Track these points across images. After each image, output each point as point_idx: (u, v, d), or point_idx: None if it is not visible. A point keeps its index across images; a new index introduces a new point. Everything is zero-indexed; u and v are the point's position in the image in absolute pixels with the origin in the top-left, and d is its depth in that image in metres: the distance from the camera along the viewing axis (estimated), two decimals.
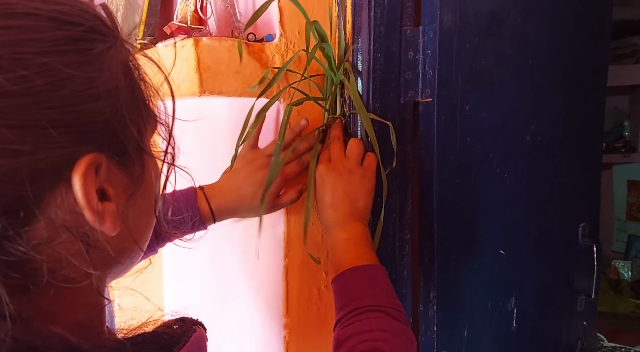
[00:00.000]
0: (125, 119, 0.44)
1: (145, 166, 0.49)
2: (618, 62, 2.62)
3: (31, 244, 0.40)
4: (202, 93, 0.86)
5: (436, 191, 0.93)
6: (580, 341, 1.16)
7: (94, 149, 0.42)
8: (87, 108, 0.41)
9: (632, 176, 2.79)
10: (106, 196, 0.44)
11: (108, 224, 0.43)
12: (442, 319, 0.96)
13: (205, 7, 0.99)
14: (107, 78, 0.43)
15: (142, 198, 0.49)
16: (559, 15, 1.05)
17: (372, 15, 0.88)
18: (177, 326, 0.49)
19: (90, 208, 0.41)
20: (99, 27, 0.44)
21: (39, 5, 0.40)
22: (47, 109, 0.39)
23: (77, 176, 0.40)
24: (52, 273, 0.41)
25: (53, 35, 0.40)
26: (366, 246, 0.81)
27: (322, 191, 0.85)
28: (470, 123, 0.95)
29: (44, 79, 0.38)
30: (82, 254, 0.43)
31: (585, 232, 1.14)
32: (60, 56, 0.40)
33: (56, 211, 0.41)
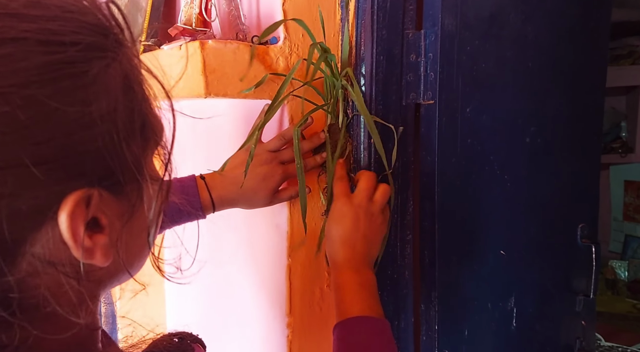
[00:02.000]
0: (121, 146, 0.41)
1: (142, 192, 0.45)
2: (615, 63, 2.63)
3: (12, 280, 0.38)
4: (207, 95, 0.87)
5: (437, 192, 0.94)
6: (578, 341, 1.17)
7: (83, 185, 0.39)
8: (78, 139, 0.38)
9: (629, 176, 2.80)
10: (99, 225, 0.41)
11: (98, 257, 0.41)
12: (443, 319, 0.97)
13: (210, 9, 1.00)
14: (104, 102, 0.40)
15: (137, 224, 0.46)
16: (558, 17, 1.06)
17: (374, 19, 0.89)
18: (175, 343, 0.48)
19: (77, 246, 0.39)
20: (99, 42, 0.40)
21: (29, 27, 0.37)
22: (31, 145, 0.36)
23: (64, 215, 0.38)
24: (33, 306, 0.39)
25: (41, 62, 0.36)
26: (375, 297, 0.79)
27: (340, 225, 0.82)
28: (470, 125, 0.96)
29: (29, 112, 0.35)
30: (66, 286, 0.41)
31: (584, 232, 1.15)
32: (49, 85, 0.36)
33: (41, 249, 0.39)
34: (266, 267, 1.04)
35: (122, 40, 0.43)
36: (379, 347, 0.73)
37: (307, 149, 0.93)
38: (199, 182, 0.89)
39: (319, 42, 0.85)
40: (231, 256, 1.13)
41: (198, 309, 1.26)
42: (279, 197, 0.93)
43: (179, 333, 0.52)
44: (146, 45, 1.05)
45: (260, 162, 0.90)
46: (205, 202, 0.88)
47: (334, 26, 0.95)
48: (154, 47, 1.04)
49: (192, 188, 0.88)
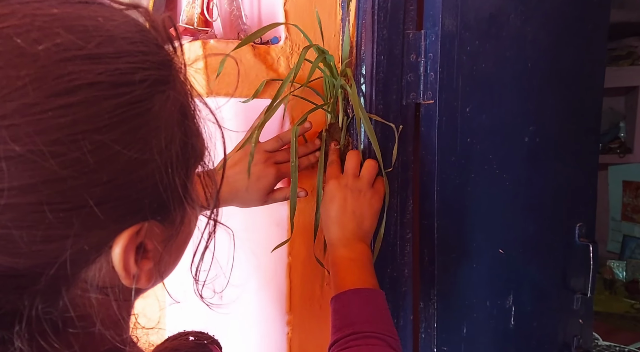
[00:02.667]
0: (174, 177, 0.42)
1: (185, 213, 0.47)
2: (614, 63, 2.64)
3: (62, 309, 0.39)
4: (208, 95, 0.87)
5: (437, 191, 0.95)
6: (576, 339, 1.18)
7: (138, 220, 0.40)
8: (136, 176, 0.39)
9: (628, 177, 2.81)
10: (145, 250, 0.42)
11: (143, 281, 0.43)
12: (442, 317, 0.98)
13: (212, 9, 1.01)
14: (163, 136, 0.40)
15: (178, 242, 0.48)
16: (557, 18, 1.07)
17: (375, 19, 0.90)
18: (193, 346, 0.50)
19: (127, 276, 0.41)
20: (161, 76, 0.41)
21: (102, 69, 0.37)
22: (96, 186, 0.37)
23: (118, 249, 0.39)
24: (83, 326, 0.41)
25: (112, 105, 0.37)
26: (369, 269, 0.82)
27: (330, 206, 0.85)
28: (470, 124, 0.97)
29: (97, 157, 0.36)
30: (111, 308, 0.43)
31: (582, 231, 1.16)
32: (117, 128, 0.37)
33: (93, 277, 0.40)
34: (266, 266, 1.05)
35: (178, 65, 0.44)
36: (371, 315, 0.75)
37: (302, 154, 0.93)
38: None
39: (315, 44, 0.86)
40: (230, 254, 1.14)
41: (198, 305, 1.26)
42: (274, 197, 0.93)
43: (195, 333, 0.53)
44: None
45: (255, 161, 0.89)
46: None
47: (335, 26, 0.95)
48: None
49: None
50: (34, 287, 0.37)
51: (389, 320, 0.77)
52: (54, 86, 0.35)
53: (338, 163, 0.91)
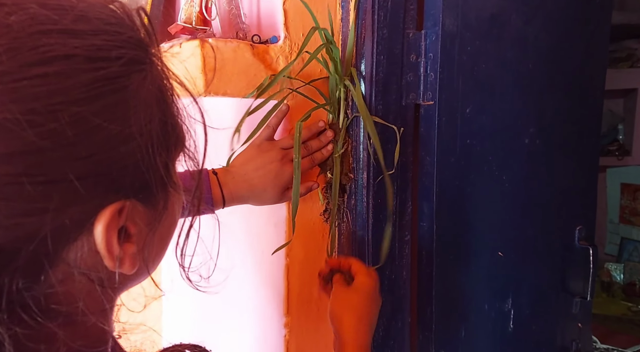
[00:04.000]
0: (155, 157, 0.42)
1: (169, 198, 0.47)
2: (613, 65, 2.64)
3: (44, 288, 0.38)
4: (207, 93, 0.86)
5: (436, 192, 0.94)
6: (574, 343, 1.17)
7: (120, 197, 0.40)
8: (117, 153, 0.39)
9: (626, 179, 2.81)
10: (128, 234, 0.42)
11: (127, 266, 0.42)
12: (440, 319, 0.97)
13: (210, 8, 1.00)
14: (142, 115, 0.41)
15: (162, 228, 0.47)
16: (559, 19, 1.07)
17: (375, 19, 0.89)
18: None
19: (111, 256, 0.40)
20: (138, 56, 0.42)
21: (78, 43, 0.37)
22: (76, 160, 0.37)
23: (100, 226, 0.39)
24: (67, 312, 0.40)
25: (89, 78, 0.37)
26: None
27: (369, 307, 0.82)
28: (470, 126, 0.96)
29: (75, 129, 0.36)
30: (94, 292, 0.42)
31: (582, 234, 1.15)
32: (95, 101, 0.37)
33: (75, 258, 0.40)
34: (264, 267, 1.04)
35: (154, 50, 0.44)
36: None
37: (316, 147, 0.93)
38: (212, 178, 0.89)
39: (322, 28, 0.85)
40: (228, 255, 1.13)
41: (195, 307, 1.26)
42: (290, 195, 0.92)
43: (189, 346, 0.51)
44: None
45: (271, 159, 0.89)
46: (216, 197, 0.88)
47: (335, 26, 0.95)
48: None
49: (206, 183, 0.87)
50: (14, 263, 0.36)
51: None
52: (29, 57, 0.35)
53: None
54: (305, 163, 0.92)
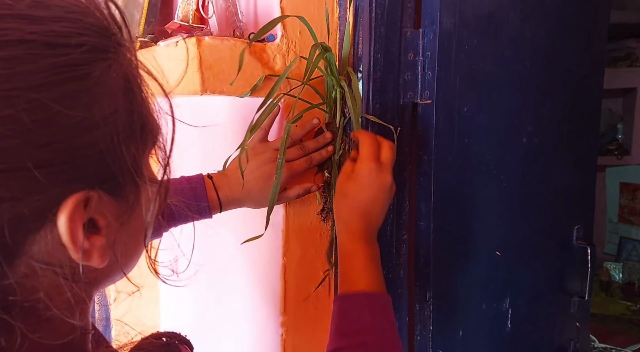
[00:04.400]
0: (121, 148, 0.41)
1: (139, 192, 0.45)
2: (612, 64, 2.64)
3: (14, 282, 0.37)
4: (203, 92, 0.86)
5: (433, 191, 0.94)
6: (572, 342, 1.17)
7: (84, 187, 0.39)
8: (80, 142, 0.38)
9: (625, 178, 2.81)
10: (96, 226, 0.41)
11: (95, 259, 0.41)
12: (438, 319, 0.97)
13: (207, 6, 0.99)
14: (105, 104, 0.40)
15: (134, 224, 0.46)
16: (556, 18, 1.06)
17: (372, 17, 0.89)
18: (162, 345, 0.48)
19: (75, 248, 0.39)
20: (101, 44, 0.40)
21: (34, 28, 0.37)
22: (34, 148, 0.36)
23: (63, 217, 0.38)
24: (30, 308, 0.39)
25: (47, 64, 0.36)
26: (381, 271, 0.78)
27: (365, 193, 0.78)
28: (467, 125, 0.96)
29: (33, 116, 0.35)
30: (63, 288, 0.41)
31: (580, 234, 1.15)
32: (54, 88, 0.36)
33: (38, 250, 0.38)
34: (261, 266, 1.04)
35: (122, 41, 0.43)
36: (384, 326, 0.71)
37: (313, 148, 0.93)
38: (207, 182, 0.88)
39: (321, 42, 0.85)
40: (226, 255, 1.13)
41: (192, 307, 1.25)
42: (287, 196, 0.92)
43: (166, 333, 0.51)
44: (142, 42, 1.04)
45: (266, 160, 0.89)
46: (213, 202, 0.88)
47: (332, 24, 0.94)
48: (151, 44, 1.03)
49: (201, 187, 0.87)
50: None
51: (396, 330, 0.73)
52: None
53: (377, 143, 0.82)
54: (303, 164, 0.91)
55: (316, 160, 0.93)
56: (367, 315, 0.71)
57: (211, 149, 1.10)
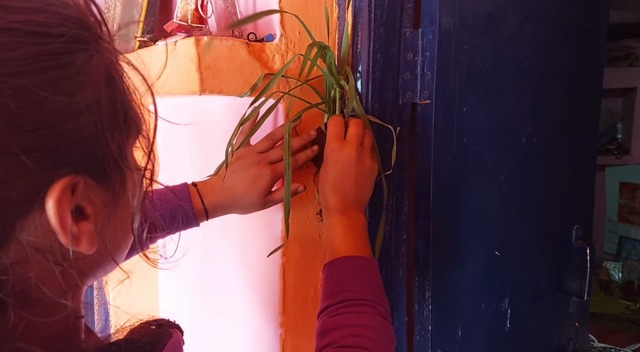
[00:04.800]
0: (105, 135, 0.42)
1: (125, 181, 0.47)
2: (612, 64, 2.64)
3: (7, 262, 0.38)
4: (202, 92, 0.86)
5: (432, 191, 0.94)
6: (571, 342, 1.17)
7: (70, 172, 0.40)
8: (65, 128, 0.39)
9: (625, 178, 2.81)
10: (84, 214, 0.42)
11: (84, 245, 0.42)
12: (437, 319, 0.97)
13: (206, 5, 0.99)
14: (88, 92, 0.41)
15: (121, 213, 0.47)
16: (556, 18, 1.06)
17: (372, 17, 0.89)
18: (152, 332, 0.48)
19: (64, 232, 0.40)
20: (82, 35, 0.42)
21: (17, 18, 0.38)
22: (21, 133, 0.36)
23: (51, 201, 0.39)
24: (22, 292, 0.40)
25: (29, 52, 0.37)
26: (365, 238, 0.81)
27: (333, 171, 0.83)
28: (466, 125, 0.96)
29: (18, 101, 0.36)
30: (54, 273, 0.41)
31: (579, 234, 1.15)
32: (37, 75, 0.37)
33: (28, 236, 0.39)
34: (260, 266, 1.04)
35: (101, 35, 0.44)
36: (364, 283, 0.75)
37: (297, 146, 0.91)
38: (191, 190, 0.88)
39: (318, 41, 0.85)
40: (224, 255, 1.13)
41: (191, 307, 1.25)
42: (273, 199, 0.91)
43: (156, 320, 0.51)
44: (141, 41, 1.04)
45: (249, 164, 0.89)
46: (198, 210, 0.87)
47: (331, 24, 0.94)
48: (150, 43, 1.03)
49: (185, 196, 0.87)
50: None
51: (381, 289, 0.77)
52: None
53: (342, 123, 0.87)
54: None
55: (302, 160, 0.91)
56: (349, 276, 0.75)
57: (210, 148, 1.10)
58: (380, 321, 0.71)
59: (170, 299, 1.32)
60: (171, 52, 0.90)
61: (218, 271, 1.15)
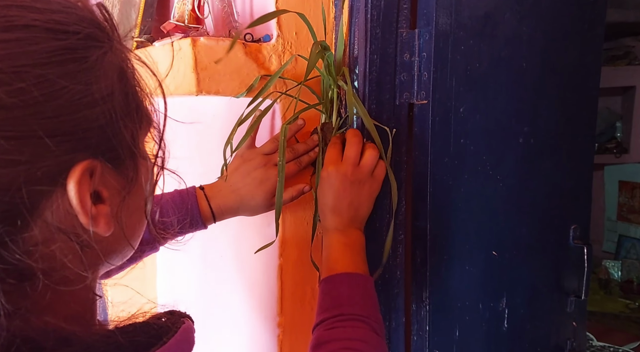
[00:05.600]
0: (119, 124, 0.45)
1: (138, 168, 0.50)
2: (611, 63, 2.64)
3: (27, 248, 0.41)
4: (199, 92, 0.86)
5: (429, 192, 0.94)
6: (569, 342, 1.17)
7: (88, 156, 0.43)
8: (82, 116, 0.42)
9: (624, 177, 2.81)
10: (100, 198, 0.45)
11: (102, 226, 0.45)
12: (434, 319, 0.97)
13: (203, 6, 0.99)
14: (103, 85, 0.44)
15: (134, 199, 0.51)
16: (553, 17, 1.06)
17: (368, 18, 0.89)
18: (166, 318, 0.50)
19: (84, 212, 0.43)
20: (95, 34, 0.45)
21: (37, 16, 0.41)
22: (44, 119, 0.40)
23: (72, 182, 0.42)
24: (47, 273, 0.42)
25: (49, 46, 0.41)
26: (361, 255, 0.84)
27: (328, 193, 0.85)
28: (464, 125, 0.96)
29: (41, 90, 0.40)
30: (76, 255, 0.44)
31: (576, 233, 1.15)
32: (57, 67, 0.41)
33: (52, 215, 0.42)
34: (257, 267, 1.04)
35: (113, 36, 0.48)
36: (359, 299, 0.77)
37: (303, 151, 0.93)
38: (198, 193, 0.89)
39: (320, 41, 0.85)
40: (222, 256, 1.13)
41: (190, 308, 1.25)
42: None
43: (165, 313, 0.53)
44: (139, 42, 1.04)
45: (255, 166, 0.90)
46: (205, 212, 0.89)
47: (328, 24, 0.94)
48: (147, 44, 1.03)
49: (192, 199, 0.88)
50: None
51: (376, 306, 0.79)
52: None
53: (339, 145, 0.89)
54: (292, 167, 0.91)
55: (305, 162, 0.93)
56: (345, 292, 0.77)
57: (207, 149, 1.10)
58: (373, 336, 0.73)
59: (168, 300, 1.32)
60: (168, 52, 0.90)
61: (215, 272, 1.15)
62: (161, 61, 0.91)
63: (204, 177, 0.94)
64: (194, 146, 1.13)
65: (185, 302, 1.19)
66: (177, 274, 1.26)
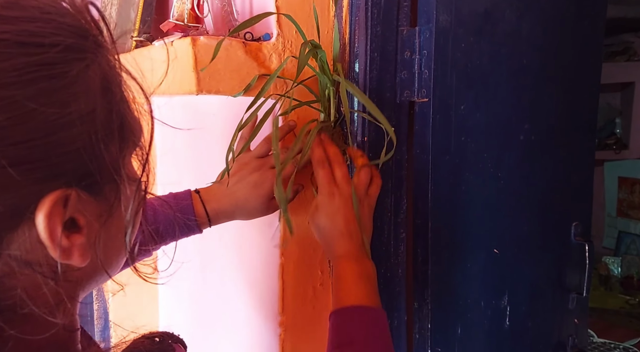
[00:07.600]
0: (99, 146, 0.41)
1: (120, 191, 0.45)
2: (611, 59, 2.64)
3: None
4: (199, 92, 0.86)
5: (431, 190, 0.94)
6: (571, 339, 1.17)
7: (62, 185, 0.39)
8: (56, 139, 0.38)
9: (623, 173, 2.81)
10: (77, 225, 0.41)
11: (76, 257, 0.41)
12: (436, 317, 0.97)
13: (202, 5, 0.99)
14: (83, 103, 0.40)
15: (116, 223, 0.46)
16: (553, 14, 1.06)
17: (369, 15, 0.88)
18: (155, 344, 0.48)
19: (54, 246, 0.39)
20: (77, 44, 0.41)
21: (7, 28, 0.37)
22: (9, 146, 0.36)
23: (41, 216, 0.38)
24: (9, 306, 0.39)
25: (20, 63, 0.37)
26: (375, 288, 0.79)
27: (337, 218, 0.81)
28: (464, 123, 0.96)
29: (6, 113, 0.35)
30: (42, 285, 0.41)
31: (578, 230, 1.15)
32: (27, 86, 0.37)
33: (16, 249, 0.38)
34: (258, 266, 1.04)
35: (101, 42, 0.43)
36: (373, 337, 0.73)
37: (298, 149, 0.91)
38: (194, 197, 0.88)
39: (310, 40, 0.84)
40: (223, 255, 1.13)
41: (191, 308, 1.25)
42: (276, 204, 0.91)
43: (159, 333, 0.51)
44: (138, 41, 1.04)
45: (250, 170, 0.89)
46: (201, 216, 0.87)
47: (328, 22, 0.94)
48: (146, 43, 1.03)
49: (187, 203, 0.86)
50: None
51: (390, 344, 0.75)
52: None
53: (327, 163, 0.86)
54: (289, 167, 0.89)
55: (302, 162, 0.91)
56: (357, 326, 0.73)
57: (207, 148, 1.09)
58: None
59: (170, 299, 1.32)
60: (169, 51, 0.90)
61: (217, 271, 1.15)
62: (161, 61, 0.91)
63: (203, 176, 0.93)
64: (193, 144, 1.13)
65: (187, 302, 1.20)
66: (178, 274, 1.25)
